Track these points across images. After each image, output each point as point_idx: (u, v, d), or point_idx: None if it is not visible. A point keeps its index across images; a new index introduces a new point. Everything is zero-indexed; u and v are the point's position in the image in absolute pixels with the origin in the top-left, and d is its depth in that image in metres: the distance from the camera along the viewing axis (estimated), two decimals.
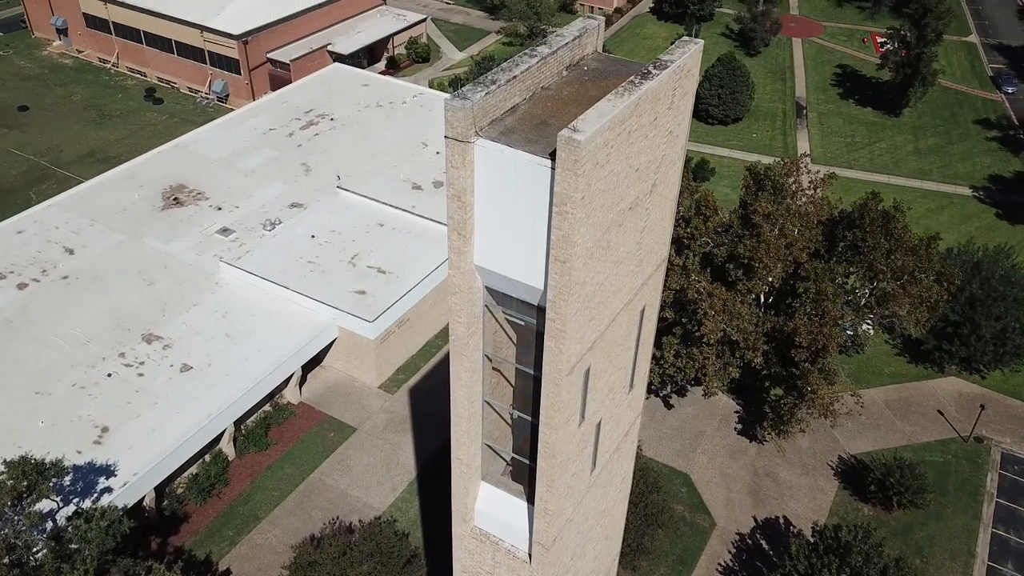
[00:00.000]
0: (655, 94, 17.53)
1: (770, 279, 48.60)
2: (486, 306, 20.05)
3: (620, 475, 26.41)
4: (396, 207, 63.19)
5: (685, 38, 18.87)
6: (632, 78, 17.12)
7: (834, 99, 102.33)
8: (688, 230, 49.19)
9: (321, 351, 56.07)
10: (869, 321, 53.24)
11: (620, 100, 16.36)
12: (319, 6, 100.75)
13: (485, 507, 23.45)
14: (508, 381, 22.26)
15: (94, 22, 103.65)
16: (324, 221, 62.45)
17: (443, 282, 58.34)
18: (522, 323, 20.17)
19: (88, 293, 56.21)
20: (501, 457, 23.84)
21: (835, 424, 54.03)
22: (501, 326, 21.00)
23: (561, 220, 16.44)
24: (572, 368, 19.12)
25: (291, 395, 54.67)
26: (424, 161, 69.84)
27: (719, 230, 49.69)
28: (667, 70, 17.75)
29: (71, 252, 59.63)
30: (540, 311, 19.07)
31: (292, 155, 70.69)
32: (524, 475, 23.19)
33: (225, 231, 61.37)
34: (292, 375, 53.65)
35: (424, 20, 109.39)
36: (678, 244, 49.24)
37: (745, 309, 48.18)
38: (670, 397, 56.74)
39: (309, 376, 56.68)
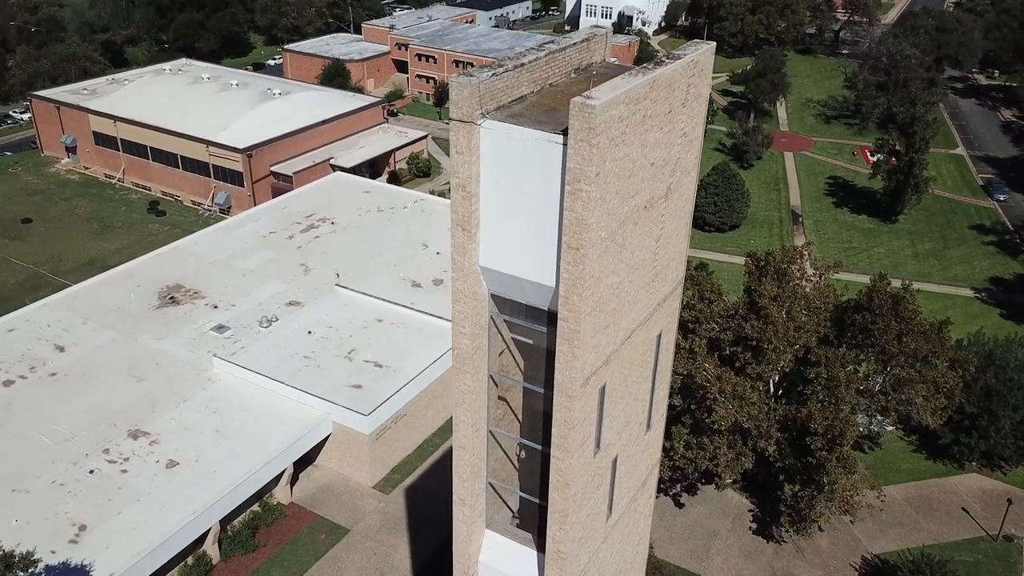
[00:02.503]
0: (670, 81, 16.98)
1: (780, 364, 47.15)
2: (491, 318, 18.74)
3: (638, 533, 24.15)
4: (395, 303, 62.35)
5: (696, 41, 18.56)
6: (645, 65, 16.63)
7: (829, 208, 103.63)
8: (693, 314, 48.13)
9: (314, 449, 53.80)
10: (880, 415, 51.38)
11: (634, 78, 15.81)
12: (322, 123, 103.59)
13: (490, 559, 21.14)
14: (515, 415, 20.61)
15: (103, 139, 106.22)
16: (321, 317, 61.45)
17: (442, 376, 56.72)
18: (531, 341, 18.80)
19: (75, 390, 54.46)
20: (507, 506, 21.83)
21: (855, 520, 51.12)
22: (508, 347, 19.60)
23: (574, 200, 15.43)
24: (587, 380, 17.62)
25: (281, 495, 51.95)
26: (424, 261, 69.60)
27: (725, 314, 48.66)
28: (681, 60, 17.30)
29: (61, 349, 58.26)
30: (551, 318, 17.76)
31: (291, 256, 70.52)
32: (533, 519, 21.08)
33: (220, 328, 60.24)
34: (283, 472, 51.16)
35: (425, 137, 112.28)
36: (683, 328, 48.06)
37: (756, 395, 46.51)
38: (680, 495, 54.02)
39: (301, 476, 54.11)
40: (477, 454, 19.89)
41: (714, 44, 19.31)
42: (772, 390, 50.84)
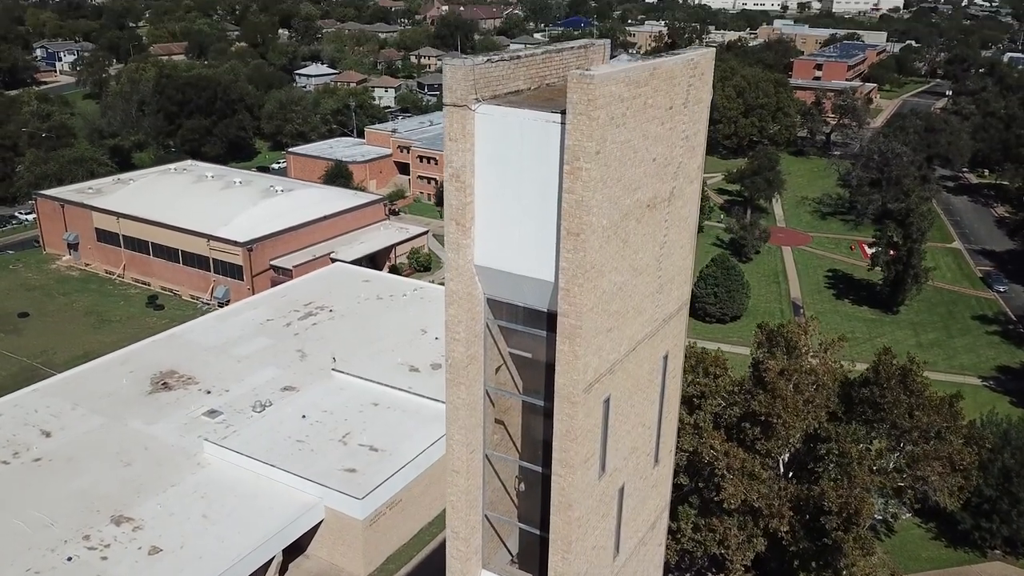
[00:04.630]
0: (670, 73, 16.68)
1: (790, 440, 45.54)
2: (487, 326, 17.76)
3: None
4: (392, 386, 61.06)
5: (695, 47, 18.44)
6: (644, 55, 16.36)
7: (829, 299, 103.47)
8: (698, 388, 46.87)
9: (305, 536, 51.40)
10: (895, 496, 49.37)
11: (634, 63, 15.50)
12: (323, 218, 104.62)
13: None
14: (513, 442, 19.29)
15: (105, 236, 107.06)
16: (316, 401, 60.00)
17: (439, 460, 54.79)
18: (529, 354, 17.76)
19: (60, 475, 52.53)
20: (506, 547, 20.18)
21: None
22: (505, 363, 18.53)
23: (574, 180, 14.81)
24: (590, 386, 16.50)
25: None
26: (423, 346, 68.64)
27: (731, 389, 47.39)
28: (681, 56, 17.09)
29: (48, 435, 56.58)
30: (551, 321, 16.78)
31: (288, 343, 69.60)
32: (534, 559, 19.38)
33: (212, 413, 58.72)
34: (272, 560, 48.67)
35: (426, 232, 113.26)
36: (688, 403, 46.66)
37: (765, 473, 44.71)
38: None
39: (291, 566, 51.47)
40: (472, 480, 18.46)
41: (714, 50, 19.24)
42: (782, 469, 48.99)
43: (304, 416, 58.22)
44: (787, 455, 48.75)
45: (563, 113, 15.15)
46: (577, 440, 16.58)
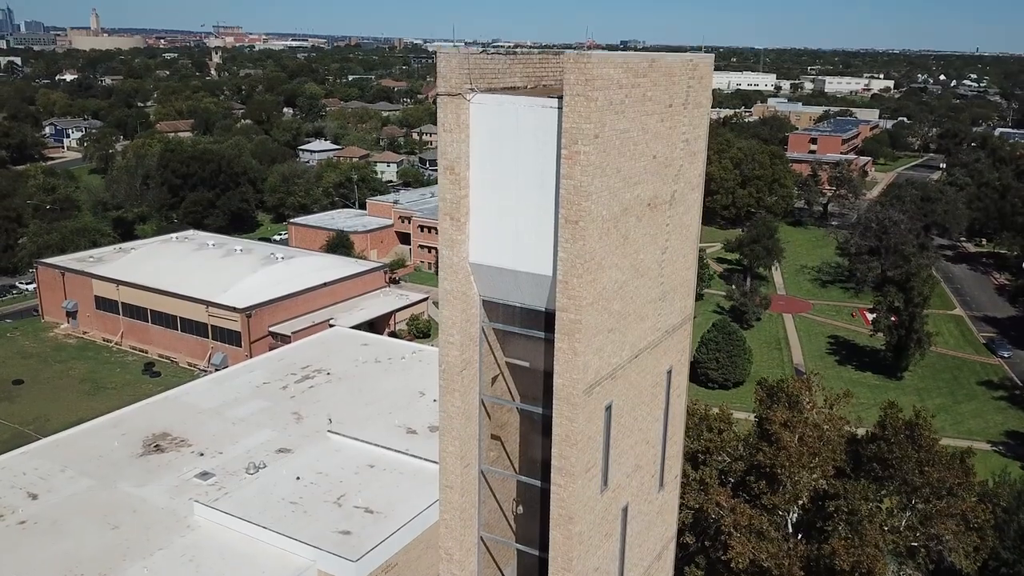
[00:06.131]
0: (669, 69, 16.50)
1: (797, 493, 44.25)
2: (482, 330, 17.11)
3: None
4: (388, 448, 59.68)
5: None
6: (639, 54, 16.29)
7: (832, 365, 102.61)
8: (703, 443, 45.84)
9: None
10: (909, 558, 47.70)
11: (632, 55, 15.33)
12: (323, 285, 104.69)
13: None
14: (511, 460, 18.40)
15: (104, 304, 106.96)
16: (311, 463, 58.49)
17: (436, 523, 53.18)
18: (527, 363, 17.08)
19: (44, 539, 50.75)
20: (502, 573, 19.06)
21: None
22: (501, 372, 17.81)
23: (572, 166, 14.40)
24: (591, 388, 15.75)
25: None
26: (421, 408, 67.37)
27: (736, 444, 46.35)
28: (680, 56, 16.95)
29: (34, 497, 54.94)
30: (549, 322, 16.17)
31: (284, 405, 68.36)
32: None
33: (204, 475, 57.17)
34: None
35: (426, 299, 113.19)
36: (693, 460, 45.57)
37: (773, 530, 43.29)
38: None
39: None
40: (468, 497, 17.52)
41: (712, 55, 19.23)
42: (791, 528, 47.48)
43: (298, 478, 56.65)
44: (795, 514, 47.34)
45: (560, 99, 14.96)
46: (577, 446, 15.78)
